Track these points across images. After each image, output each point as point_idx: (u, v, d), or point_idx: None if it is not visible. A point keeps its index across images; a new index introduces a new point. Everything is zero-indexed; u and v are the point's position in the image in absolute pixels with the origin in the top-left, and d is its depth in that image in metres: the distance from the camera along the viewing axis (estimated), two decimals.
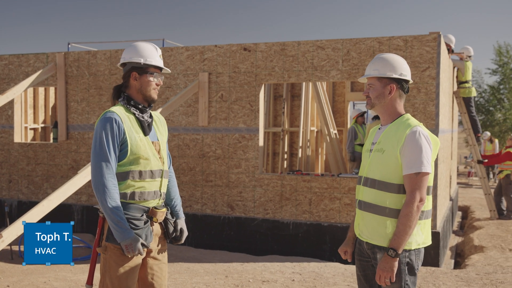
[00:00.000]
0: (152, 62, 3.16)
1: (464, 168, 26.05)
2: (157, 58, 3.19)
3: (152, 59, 3.17)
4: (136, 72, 3.15)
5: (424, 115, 7.29)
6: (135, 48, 3.18)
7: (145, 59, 3.15)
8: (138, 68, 3.15)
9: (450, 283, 6.02)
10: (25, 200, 9.47)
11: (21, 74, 9.55)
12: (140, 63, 3.14)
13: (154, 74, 3.17)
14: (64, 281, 5.86)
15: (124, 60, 3.19)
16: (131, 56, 3.17)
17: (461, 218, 12.77)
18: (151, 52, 3.18)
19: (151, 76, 3.16)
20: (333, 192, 7.67)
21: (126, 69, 3.18)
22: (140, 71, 3.15)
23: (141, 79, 3.15)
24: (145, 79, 3.15)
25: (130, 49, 3.20)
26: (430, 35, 7.29)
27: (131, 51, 3.18)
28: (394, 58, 3.16)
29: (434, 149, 3.07)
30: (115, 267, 3.02)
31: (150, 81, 3.16)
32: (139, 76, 3.15)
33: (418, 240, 3.02)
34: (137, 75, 3.15)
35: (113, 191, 2.97)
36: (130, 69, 3.16)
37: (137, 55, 3.15)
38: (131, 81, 3.17)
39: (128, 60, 3.17)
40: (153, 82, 3.17)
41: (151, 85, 3.16)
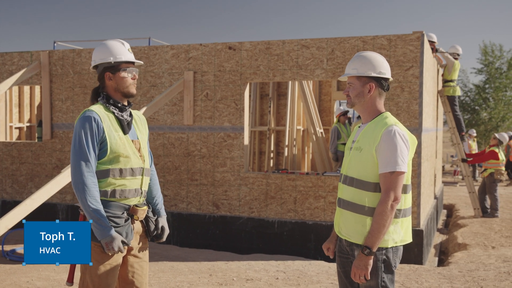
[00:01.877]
0: (122, 58, 3.15)
1: (450, 167, 26.26)
2: (126, 53, 3.19)
3: (122, 55, 3.16)
4: (109, 72, 3.15)
5: (408, 114, 7.34)
6: (103, 48, 3.17)
7: (115, 56, 3.14)
8: (110, 67, 3.14)
9: (433, 280, 6.07)
10: (9, 200, 9.41)
11: (5, 72, 9.48)
12: (110, 62, 3.14)
13: (127, 69, 3.16)
14: (47, 280, 5.83)
15: (95, 63, 3.19)
16: (101, 57, 3.16)
17: (446, 216, 12.87)
18: (119, 49, 3.18)
19: (124, 72, 3.15)
20: (318, 190, 7.70)
21: (99, 71, 3.18)
22: (112, 70, 3.15)
23: (116, 77, 3.15)
24: (119, 76, 3.15)
25: (98, 50, 3.19)
26: (413, 34, 7.35)
27: (100, 52, 3.18)
28: (373, 56, 3.17)
29: (411, 148, 3.08)
30: (95, 264, 3.02)
31: (124, 78, 3.16)
32: (113, 75, 3.15)
33: (395, 238, 3.04)
34: (110, 74, 3.15)
35: (92, 189, 2.97)
36: (103, 70, 3.16)
37: (107, 55, 3.15)
38: (107, 82, 3.17)
39: (99, 61, 3.17)
40: (128, 77, 3.17)
41: (126, 81, 3.16)
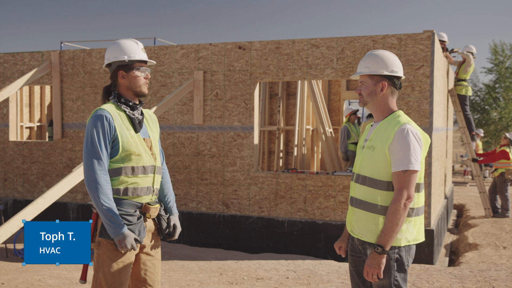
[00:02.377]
0: (136, 57, 3.17)
1: (460, 167, 26.13)
2: (140, 53, 3.20)
3: (136, 54, 3.17)
4: (123, 70, 3.16)
5: (418, 113, 7.32)
6: (117, 46, 3.18)
7: (129, 55, 3.16)
8: (123, 66, 3.15)
9: (444, 280, 6.04)
10: (20, 199, 9.47)
11: (16, 72, 9.55)
12: (124, 61, 3.15)
13: (141, 68, 3.18)
14: (58, 278, 5.87)
15: (109, 61, 3.20)
16: (115, 55, 3.17)
17: (456, 216, 12.81)
18: (133, 48, 3.19)
19: (137, 71, 3.17)
20: (328, 190, 7.69)
21: (112, 69, 3.19)
22: (126, 68, 3.16)
23: (129, 76, 3.16)
24: (133, 75, 3.16)
25: (112, 48, 3.20)
26: (424, 34, 7.32)
27: (114, 50, 3.18)
28: (385, 55, 3.16)
29: (424, 146, 3.07)
30: (108, 262, 3.04)
31: (138, 76, 3.17)
32: (126, 74, 3.16)
33: (408, 237, 3.03)
34: (124, 73, 3.16)
35: (105, 187, 2.99)
36: (116, 68, 3.17)
37: (120, 53, 3.16)
38: (119, 80, 3.18)
39: (113, 59, 3.18)
40: (141, 77, 3.18)
41: (139, 80, 3.18)
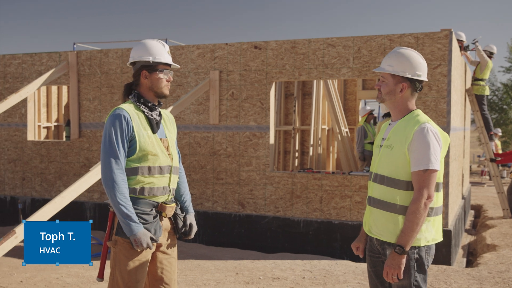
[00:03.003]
0: (161, 59, 3.19)
1: (478, 167, 25.86)
2: (165, 55, 3.22)
3: (161, 56, 3.20)
4: (146, 70, 3.18)
5: (436, 112, 7.25)
6: (143, 46, 3.21)
7: (154, 57, 3.18)
8: (147, 66, 3.18)
9: (462, 281, 5.98)
10: (38, 198, 9.57)
11: (34, 73, 9.64)
12: (149, 62, 3.17)
13: (164, 71, 3.20)
14: (76, 277, 5.91)
15: (133, 59, 3.22)
16: (140, 54, 3.20)
17: (474, 217, 12.67)
18: (160, 50, 3.21)
19: (161, 73, 3.19)
20: (344, 190, 7.66)
21: (135, 68, 3.22)
22: (149, 69, 3.18)
23: (152, 77, 3.18)
24: (155, 76, 3.18)
25: (138, 47, 3.23)
26: (441, 32, 7.25)
27: (140, 50, 3.21)
28: (412, 55, 3.08)
29: (443, 146, 3.04)
30: (124, 260, 3.05)
31: (160, 78, 3.19)
32: (149, 74, 3.18)
33: (428, 236, 3.00)
34: (147, 73, 3.18)
35: (122, 186, 3.01)
36: (140, 67, 3.19)
37: (146, 53, 3.18)
38: (142, 80, 3.21)
39: (138, 59, 3.20)
40: (163, 79, 3.20)
41: (162, 82, 3.19)
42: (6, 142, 9.90)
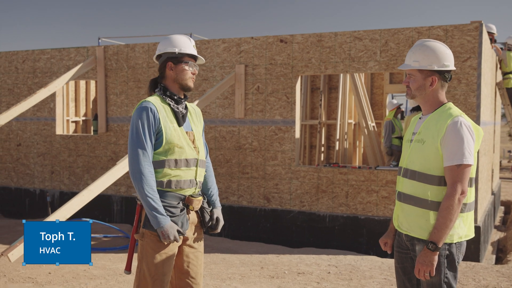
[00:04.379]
0: (186, 51, 3.22)
1: (508, 162, 25.38)
2: (191, 48, 3.26)
3: (187, 48, 3.23)
4: (172, 62, 3.21)
5: (465, 106, 7.12)
6: (169, 40, 3.26)
7: (180, 48, 3.22)
8: (173, 58, 3.21)
9: (491, 278, 5.87)
10: (66, 191, 9.71)
11: (62, 67, 9.77)
12: (175, 53, 3.20)
13: (189, 63, 3.23)
14: (103, 269, 5.98)
15: (159, 52, 3.27)
16: (166, 47, 3.24)
17: (504, 213, 12.44)
18: (185, 42, 3.25)
19: (186, 65, 3.22)
20: (371, 185, 7.58)
21: (161, 60, 3.26)
22: (175, 60, 3.21)
23: (177, 68, 3.21)
24: (180, 68, 3.21)
25: (164, 41, 3.28)
26: (471, 24, 7.11)
27: (166, 43, 3.25)
28: (437, 47, 3.01)
29: (476, 140, 2.95)
30: (151, 253, 3.07)
31: (185, 70, 3.21)
32: (175, 66, 3.21)
33: (460, 233, 2.93)
34: (172, 65, 3.21)
35: (150, 178, 3.02)
36: (166, 59, 3.23)
37: (172, 46, 3.22)
38: (167, 71, 3.23)
39: (163, 51, 3.24)
40: (188, 71, 3.22)
41: (186, 73, 3.21)
42: (35, 136, 10.06)
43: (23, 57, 10.14)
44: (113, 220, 9.25)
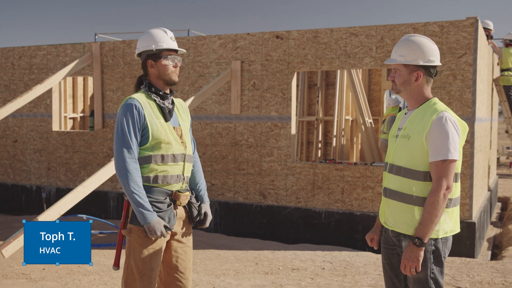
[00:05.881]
0: (163, 45, 3.19)
1: (506, 158, 25.37)
2: (168, 41, 3.22)
3: (163, 42, 3.19)
4: (151, 59, 3.19)
5: (460, 102, 7.11)
6: (146, 36, 3.23)
7: (156, 44, 3.18)
8: (152, 55, 3.18)
9: (485, 274, 5.88)
10: (63, 187, 9.71)
11: (58, 64, 9.76)
12: (152, 50, 3.17)
13: (169, 57, 3.19)
14: (97, 265, 5.99)
15: (139, 51, 3.25)
16: (144, 44, 3.22)
17: (501, 209, 12.44)
18: (161, 36, 3.21)
19: (165, 60, 3.19)
20: (366, 181, 7.58)
21: (142, 59, 3.24)
22: (154, 57, 3.19)
23: (157, 65, 3.19)
24: (161, 64, 3.19)
25: (141, 38, 3.25)
26: (467, 20, 7.09)
27: (143, 40, 3.23)
28: (422, 42, 3.01)
29: (462, 135, 2.96)
30: (139, 249, 3.07)
31: (166, 65, 3.19)
32: (155, 63, 3.19)
33: (446, 228, 2.94)
34: (152, 62, 3.19)
35: (135, 174, 3.02)
36: (146, 58, 3.21)
37: (149, 42, 3.20)
38: (149, 69, 3.22)
39: (142, 49, 3.22)
40: (169, 65, 3.20)
41: (168, 68, 3.19)
42: (32, 133, 10.06)
43: (20, 53, 10.14)
44: (109, 217, 9.26)
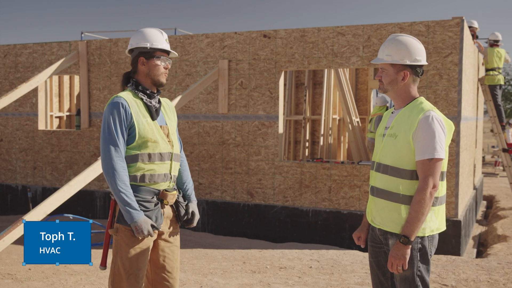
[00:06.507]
0: (158, 45, 3.18)
1: (491, 157, 25.61)
2: (163, 42, 3.22)
3: (158, 43, 3.19)
4: (143, 57, 3.18)
5: (446, 101, 7.17)
6: (141, 34, 3.22)
7: (151, 43, 3.18)
8: (145, 53, 3.18)
9: (471, 272, 5.93)
10: (49, 187, 9.64)
11: (44, 62, 9.68)
12: (146, 48, 3.17)
13: (161, 58, 3.19)
14: (83, 265, 5.94)
15: (131, 46, 3.23)
16: (138, 41, 3.20)
17: (486, 208, 12.57)
18: (157, 37, 3.21)
19: (158, 60, 3.18)
20: (353, 179, 7.61)
21: (133, 55, 3.23)
22: (147, 55, 3.18)
23: (149, 63, 3.18)
24: (153, 63, 3.18)
25: (136, 35, 3.24)
26: (453, 20, 7.15)
27: (138, 37, 3.22)
28: (409, 41, 3.03)
29: (448, 133, 2.99)
30: (126, 248, 3.06)
31: (157, 65, 3.18)
32: (147, 61, 3.18)
33: (432, 226, 2.97)
34: (144, 60, 3.18)
35: (122, 173, 3.01)
36: (138, 54, 3.20)
37: (143, 40, 3.19)
38: (139, 66, 3.21)
39: (135, 45, 3.21)
40: (160, 66, 3.19)
41: (159, 69, 3.19)
42: (17, 132, 9.98)
43: (5, 51, 10.04)
44: (96, 216, 9.21)
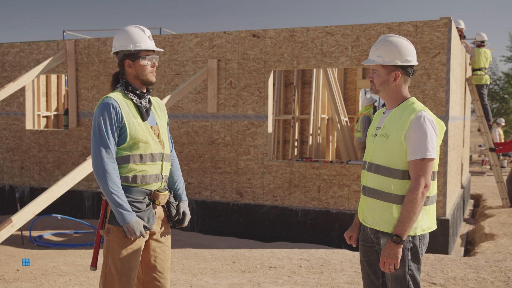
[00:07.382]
0: (142, 46, 3.14)
1: (478, 156, 25.84)
2: (146, 41, 3.17)
3: (142, 43, 3.14)
4: (129, 59, 3.14)
5: (434, 101, 7.22)
6: (123, 35, 3.16)
7: (134, 44, 3.13)
8: (129, 55, 3.13)
9: (458, 270, 5.98)
10: (37, 187, 9.57)
11: (32, 61, 9.61)
12: (130, 50, 3.13)
13: (147, 57, 3.15)
14: (73, 265, 5.92)
15: (115, 49, 3.18)
16: (121, 44, 3.15)
17: (473, 206, 12.68)
18: (140, 36, 3.16)
19: (144, 60, 3.15)
20: (342, 179, 7.64)
21: (119, 57, 3.18)
22: (132, 57, 3.14)
23: (135, 65, 3.14)
24: (139, 64, 3.14)
25: (118, 36, 3.18)
26: (440, 21, 7.20)
27: (120, 38, 3.16)
28: (400, 42, 3.04)
29: (439, 133, 3.02)
30: (117, 249, 3.05)
31: (144, 66, 3.15)
32: (133, 63, 3.14)
33: (423, 225, 2.99)
34: (130, 62, 3.14)
35: (113, 174, 2.99)
36: (123, 57, 3.15)
37: (127, 42, 3.14)
38: (126, 69, 3.17)
39: (119, 48, 3.16)
40: (147, 65, 3.16)
41: (146, 69, 3.16)
42: (4, 131, 9.89)
43: None
44: (84, 216, 9.16)
